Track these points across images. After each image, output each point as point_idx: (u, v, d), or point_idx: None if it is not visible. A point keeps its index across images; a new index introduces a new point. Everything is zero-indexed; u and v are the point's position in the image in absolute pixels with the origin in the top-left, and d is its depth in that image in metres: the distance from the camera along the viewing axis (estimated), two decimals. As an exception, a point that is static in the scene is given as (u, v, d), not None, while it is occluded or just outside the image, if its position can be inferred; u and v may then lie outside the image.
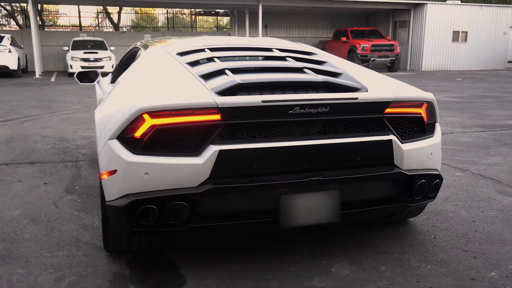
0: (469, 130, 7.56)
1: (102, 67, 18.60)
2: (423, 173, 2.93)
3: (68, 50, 20.37)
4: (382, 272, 2.87)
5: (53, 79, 18.45)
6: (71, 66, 19.06)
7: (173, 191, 2.51)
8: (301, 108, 2.58)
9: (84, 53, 19.54)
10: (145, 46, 3.87)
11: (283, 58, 3.28)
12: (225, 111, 2.50)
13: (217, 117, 2.50)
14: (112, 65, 18.96)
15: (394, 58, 21.99)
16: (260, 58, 3.44)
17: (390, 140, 2.80)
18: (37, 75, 19.43)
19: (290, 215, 2.67)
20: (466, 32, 24.51)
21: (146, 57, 3.54)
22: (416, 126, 2.99)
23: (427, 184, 2.94)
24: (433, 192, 3.04)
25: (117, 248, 3.01)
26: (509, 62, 25.90)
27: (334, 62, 3.36)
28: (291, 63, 3.15)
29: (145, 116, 2.45)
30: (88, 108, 10.01)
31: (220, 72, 2.86)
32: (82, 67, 18.45)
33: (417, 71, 23.74)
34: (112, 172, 2.56)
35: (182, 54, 3.30)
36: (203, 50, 3.37)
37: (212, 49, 3.38)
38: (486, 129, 7.69)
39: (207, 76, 2.82)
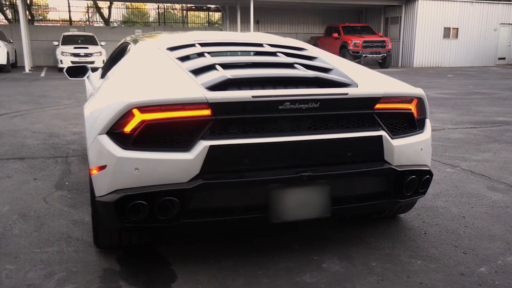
0: (459, 127, 7.60)
1: (92, 62, 18.45)
2: (413, 169, 2.94)
3: (58, 45, 20.18)
4: (372, 267, 2.88)
5: (43, 74, 18.32)
6: (61, 61, 18.90)
7: (163, 186, 2.50)
8: (291, 103, 2.57)
9: (75, 48, 19.39)
10: (135, 41, 3.84)
11: (273, 54, 3.27)
12: (215, 106, 2.49)
13: (207, 112, 2.49)
14: (103, 60, 18.77)
15: (385, 54, 22.06)
16: (250, 53, 3.42)
17: (380, 136, 2.80)
18: (27, 70, 19.28)
19: (280, 210, 2.67)
20: (457, 29, 24.62)
21: (136, 52, 3.51)
22: (406, 122, 3.00)
23: (417, 180, 2.94)
24: (423, 188, 3.05)
25: (107, 244, 3.00)
26: (499, 58, 26.09)
27: (325, 57, 3.35)
28: (282, 59, 3.14)
29: (135, 111, 2.43)
30: (79, 104, 9.94)
31: (211, 67, 2.84)
32: (73, 62, 18.20)
33: (409, 67, 23.82)
34: (102, 168, 2.55)
35: (172, 49, 3.28)
36: (193, 45, 3.35)
37: (202, 44, 3.36)
38: (477, 125, 7.74)
39: (197, 71, 2.80)
